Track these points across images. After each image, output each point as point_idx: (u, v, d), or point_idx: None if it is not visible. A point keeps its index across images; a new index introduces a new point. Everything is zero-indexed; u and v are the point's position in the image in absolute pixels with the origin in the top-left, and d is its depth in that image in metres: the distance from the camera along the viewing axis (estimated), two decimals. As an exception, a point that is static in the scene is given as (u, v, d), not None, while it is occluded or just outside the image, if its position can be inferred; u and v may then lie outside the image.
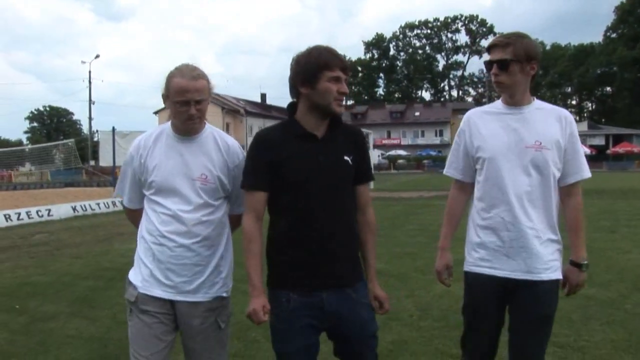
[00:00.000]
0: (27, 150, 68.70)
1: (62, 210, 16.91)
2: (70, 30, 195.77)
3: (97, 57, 62.69)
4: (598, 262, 7.75)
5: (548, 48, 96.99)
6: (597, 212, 14.92)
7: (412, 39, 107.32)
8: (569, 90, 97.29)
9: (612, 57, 79.91)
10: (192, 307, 2.67)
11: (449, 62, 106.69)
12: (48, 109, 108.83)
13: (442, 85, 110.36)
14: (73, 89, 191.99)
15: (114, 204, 18.03)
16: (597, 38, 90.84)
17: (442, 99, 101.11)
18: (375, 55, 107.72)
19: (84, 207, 17.83)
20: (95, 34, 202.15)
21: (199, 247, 2.66)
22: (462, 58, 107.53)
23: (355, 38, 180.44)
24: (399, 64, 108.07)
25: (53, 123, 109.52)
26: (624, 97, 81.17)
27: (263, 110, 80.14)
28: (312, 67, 2.47)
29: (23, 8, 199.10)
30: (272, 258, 2.59)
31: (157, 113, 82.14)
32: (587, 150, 62.68)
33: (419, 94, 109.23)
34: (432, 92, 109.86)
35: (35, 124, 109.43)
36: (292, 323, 2.51)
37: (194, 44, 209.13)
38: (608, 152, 65.66)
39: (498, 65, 2.71)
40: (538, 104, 2.82)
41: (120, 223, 13.74)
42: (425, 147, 77.85)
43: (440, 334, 4.87)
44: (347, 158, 2.57)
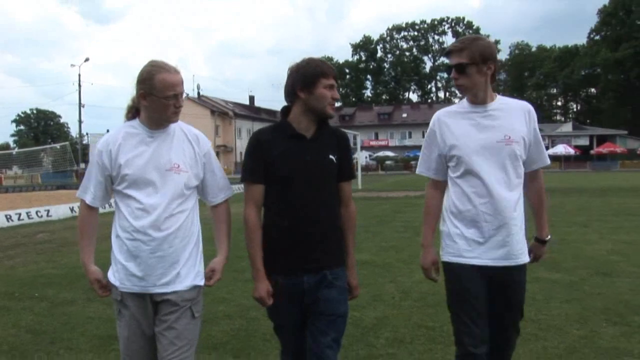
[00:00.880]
0: (14, 154, 68.57)
1: (60, 211, 17.47)
2: (58, 34, 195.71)
3: (86, 60, 62.92)
4: (567, 251, 8.41)
5: (534, 49, 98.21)
6: (574, 208, 15.69)
7: (399, 41, 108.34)
8: (555, 92, 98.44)
9: (596, 58, 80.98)
10: (169, 296, 2.74)
11: (436, 63, 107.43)
12: (35, 112, 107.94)
13: (429, 87, 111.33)
14: (60, 92, 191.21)
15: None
16: (582, 40, 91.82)
17: (429, 101, 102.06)
18: (363, 57, 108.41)
19: (81, 207, 18.33)
20: (83, 37, 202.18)
21: (173, 238, 2.73)
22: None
23: (344, 40, 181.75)
24: (387, 66, 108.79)
25: (40, 126, 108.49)
26: (609, 98, 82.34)
27: (252, 113, 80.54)
28: (311, 75, 2.77)
29: (9, 11, 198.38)
30: (263, 244, 2.85)
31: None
32: (571, 151, 63.63)
33: (406, 96, 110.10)
34: (419, 93, 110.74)
35: (22, 127, 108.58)
36: (280, 300, 2.81)
37: (183, 47, 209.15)
38: (592, 152, 66.34)
39: (456, 70, 2.88)
40: (502, 100, 2.98)
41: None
42: (413, 148, 78.29)
43: (419, 312, 5.52)
44: (332, 157, 2.84)
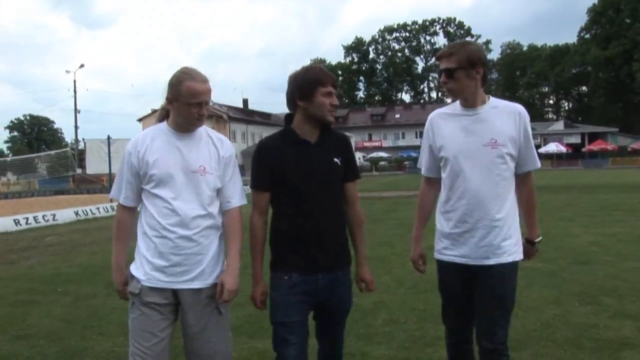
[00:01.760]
0: (8, 161, 68.63)
1: (65, 215, 18.03)
2: (49, 39, 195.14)
3: (81, 66, 63.05)
4: (550, 244, 9.05)
5: (525, 49, 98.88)
6: (561, 204, 16.31)
7: (391, 42, 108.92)
8: (546, 90, 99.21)
9: (586, 57, 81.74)
10: (193, 294, 2.83)
11: (428, 64, 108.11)
12: (29, 118, 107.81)
13: (421, 88, 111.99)
14: (53, 98, 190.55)
15: (113, 209, 19.07)
16: (573, 38, 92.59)
17: (421, 101, 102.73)
18: (355, 59, 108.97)
19: (85, 211, 18.98)
20: (75, 43, 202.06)
21: (199, 237, 2.82)
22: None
23: (335, 42, 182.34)
24: (379, 67, 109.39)
25: (34, 132, 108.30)
26: (599, 95, 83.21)
27: (246, 116, 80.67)
28: (308, 83, 2.85)
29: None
30: (275, 246, 2.96)
31: (141, 120, 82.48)
32: (563, 149, 64.27)
33: (399, 97, 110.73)
34: (411, 94, 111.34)
35: (16, 133, 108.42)
36: (290, 297, 2.87)
37: (174, 51, 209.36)
38: (584, 150, 67.00)
39: (445, 74, 2.96)
40: (493, 103, 3.03)
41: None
42: (406, 148, 78.76)
43: (412, 297, 6.11)
44: (336, 160, 2.94)
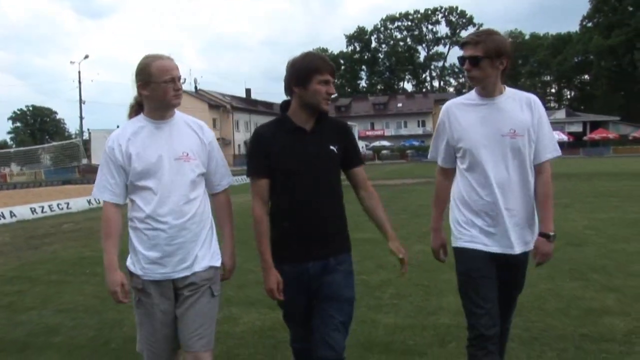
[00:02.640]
0: (12, 152, 69.10)
1: (79, 204, 18.63)
2: (51, 30, 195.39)
3: (86, 57, 63.14)
4: (546, 228, 9.53)
5: (527, 38, 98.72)
6: (559, 191, 16.74)
7: (393, 31, 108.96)
8: (549, 79, 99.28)
9: (588, 45, 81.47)
10: (189, 279, 2.86)
11: (430, 53, 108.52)
12: (31, 109, 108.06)
13: (423, 77, 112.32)
14: (56, 89, 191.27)
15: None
16: (575, 27, 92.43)
17: (424, 90, 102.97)
18: (357, 48, 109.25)
19: (98, 200, 19.41)
20: (77, 33, 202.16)
21: (190, 224, 2.84)
22: (442, 49, 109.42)
23: (338, 31, 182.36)
24: (381, 56, 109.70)
25: (37, 123, 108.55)
26: (602, 84, 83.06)
27: (249, 105, 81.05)
28: (305, 70, 2.82)
29: (1, 8, 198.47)
30: (271, 234, 2.93)
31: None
32: (564, 137, 64.44)
33: (401, 86, 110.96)
34: (414, 83, 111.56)
35: (19, 124, 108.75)
36: (287, 288, 2.89)
37: (177, 40, 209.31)
38: (585, 138, 67.30)
39: (470, 62, 2.91)
40: (509, 93, 3.02)
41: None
42: (409, 137, 79.23)
43: (417, 275, 6.60)
44: (332, 147, 2.91)
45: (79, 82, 60.93)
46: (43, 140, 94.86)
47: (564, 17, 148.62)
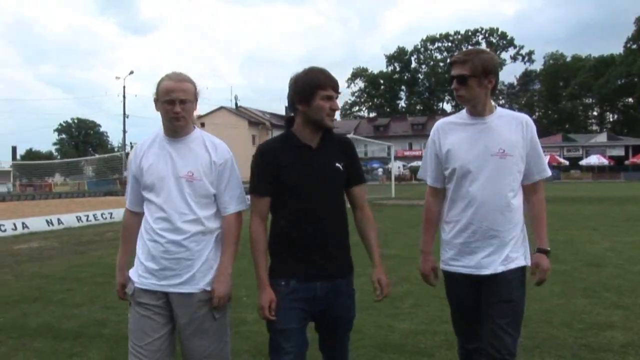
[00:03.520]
0: (56, 163, 71.05)
1: (121, 214, 19.01)
2: (96, 44, 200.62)
3: (131, 73, 64.99)
4: (569, 249, 9.85)
5: (568, 59, 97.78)
6: (590, 215, 16.98)
7: (433, 52, 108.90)
8: (591, 101, 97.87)
9: (632, 67, 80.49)
10: (184, 298, 2.84)
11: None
12: (76, 121, 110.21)
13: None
14: (100, 102, 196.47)
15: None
16: (619, 49, 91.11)
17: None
18: (397, 68, 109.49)
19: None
20: (120, 47, 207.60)
21: (189, 242, 2.83)
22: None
23: (377, 49, 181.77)
24: (421, 77, 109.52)
25: (81, 135, 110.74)
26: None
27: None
28: (308, 86, 2.76)
29: (49, 23, 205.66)
30: (274, 252, 2.88)
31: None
32: (605, 161, 63.62)
33: (440, 106, 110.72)
34: (453, 104, 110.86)
35: (64, 136, 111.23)
36: (287, 304, 2.79)
37: (216, 56, 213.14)
38: (626, 162, 65.95)
39: (457, 81, 2.90)
40: (500, 112, 3.00)
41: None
42: (447, 158, 78.57)
43: (437, 288, 6.89)
44: (338, 165, 2.87)
45: (124, 96, 62.78)
46: (86, 152, 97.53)
47: (607, 39, 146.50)
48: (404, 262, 8.99)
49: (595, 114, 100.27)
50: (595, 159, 63.68)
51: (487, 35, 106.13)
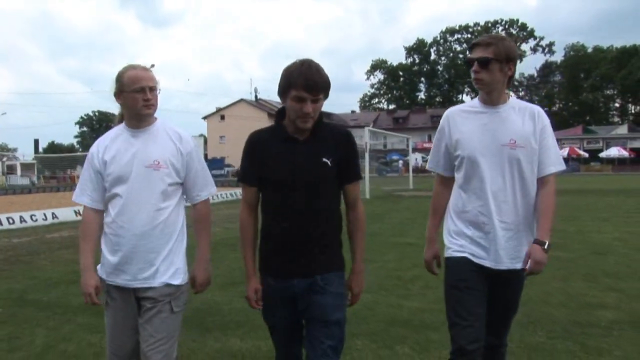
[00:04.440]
0: (78, 155, 71.94)
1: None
2: (117, 38, 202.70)
3: (152, 66, 65.31)
4: (578, 238, 10.29)
5: (590, 50, 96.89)
6: (604, 206, 17.29)
7: (452, 44, 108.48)
8: (612, 93, 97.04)
9: (655, 59, 79.51)
10: (147, 291, 2.82)
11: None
12: (97, 114, 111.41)
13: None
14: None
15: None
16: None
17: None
18: (417, 60, 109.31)
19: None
20: (141, 41, 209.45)
21: (152, 233, 2.81)
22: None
23: (398, 41, 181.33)
24: (440, 69, 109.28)
25: (102, 128, 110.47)
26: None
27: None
28: (282, 82, 2.61)
29: (70, 17, 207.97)
30: (259, 246, 2.85)
31: (205, 118, 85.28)
32: (625, 153, 63.15)
33: (460, 98, 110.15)
34: (472, 95, 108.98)
35: (85, 129, 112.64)
36: (272, 302, 2.81)
37: (238, 49, 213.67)
38: (649, 154, 65.63)
39: (479, 63, 2.81)
40: (513, 103, 2.92)
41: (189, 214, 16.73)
42: (466, 149, 78.35)
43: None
44: (325, 160, 2.68)
45: (146, 90, 63.20)
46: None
47: (629, 29, 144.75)
48: (419, 249, 9.31)
49: (617, 106, 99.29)
50: (616, 151, 63.13)
51: (507, 27, 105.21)
